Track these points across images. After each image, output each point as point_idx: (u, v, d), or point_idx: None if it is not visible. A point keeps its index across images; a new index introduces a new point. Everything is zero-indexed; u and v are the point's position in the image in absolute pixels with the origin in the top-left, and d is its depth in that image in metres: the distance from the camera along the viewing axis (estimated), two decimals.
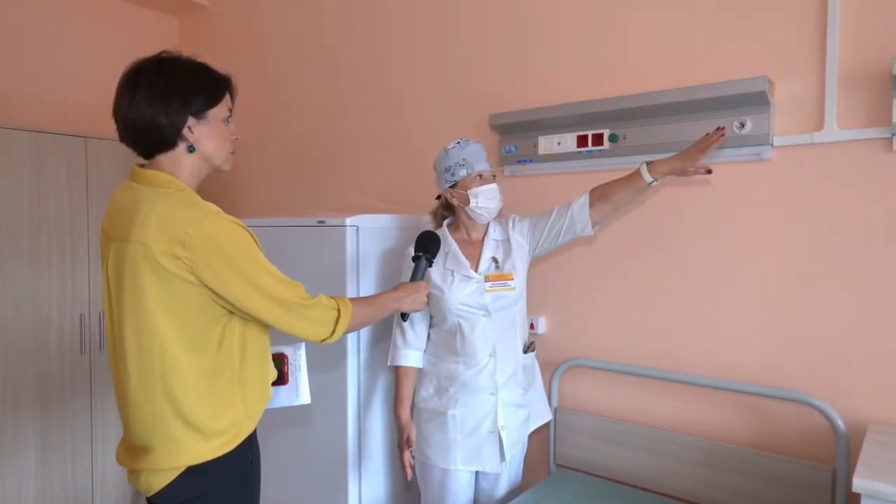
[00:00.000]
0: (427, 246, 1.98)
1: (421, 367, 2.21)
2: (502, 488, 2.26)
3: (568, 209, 2.12)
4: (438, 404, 2.15)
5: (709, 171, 1.93)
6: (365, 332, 2.37)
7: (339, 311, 1.58)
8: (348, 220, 2.24)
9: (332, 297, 1.60)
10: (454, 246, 2.16)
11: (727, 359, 2.13)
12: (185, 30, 4.02)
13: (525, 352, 2.24)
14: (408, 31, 2.93)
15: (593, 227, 2.10)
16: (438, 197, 2.31)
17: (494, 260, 2.17)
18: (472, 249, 2.18)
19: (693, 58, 2.16)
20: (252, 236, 1.46)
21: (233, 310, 1.45)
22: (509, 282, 2.14)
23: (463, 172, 2.12)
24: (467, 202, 2.13)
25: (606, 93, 2.30)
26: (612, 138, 2.26)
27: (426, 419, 2.18)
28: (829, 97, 1.92)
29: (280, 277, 1.48)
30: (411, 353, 2.19)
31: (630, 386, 2.34)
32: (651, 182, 1.98)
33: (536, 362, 2.35)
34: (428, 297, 2.04)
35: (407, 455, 2.18)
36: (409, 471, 2.18)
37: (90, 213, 3.19)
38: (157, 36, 3.92)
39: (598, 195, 2.08)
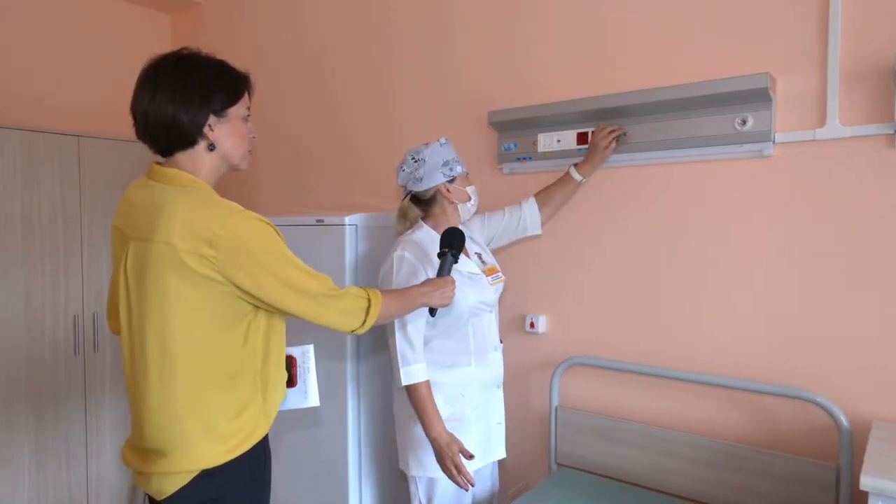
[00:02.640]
0: (452, 242, 1.95)
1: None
2: (492, 481, 2.28)
3: (520, 210, 2.31)
4: (452, 412, 2.08)
5: (625, 133, 2.23)
6: (363, 337, 2.34)
7: (369, 300, 1.56)
8: (347, 219, 2.22)
9: (362, 288, 1.59)
10: None
11: (729, 356, 2.12)
12: (178, 27, 3.98)
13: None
14: (405, 27, 2.90)
15: (541, 226, 2.34)
16: (408, 194, 2.18)
17: (479, 255, 2.20)
18: None
19: (694, 54, 2.15)
20: (277, 232, 1.46)
21: (261, 305, 1.45)
22: (500, 274, 2.22)
23: (460, 169, 2.13)
24: (466, 199, 2.13)
25: (607, 89, 2.29)
26: None
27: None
28: (832, 93, 1.91)
29: (307, 270, 1.47)
30: (424, 365, 2.04)
31: (631, 384, 2.33)
32: (581, 180, 2.26)
33: None
34: None
35: (465, 467, 2.01)
36: (472, 481, 2.02)
37: (83, 212, 3.15)
38: (148, 33, 3.87)
39: (542, 200, 2.31)
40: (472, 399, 2.10)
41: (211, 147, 1.47)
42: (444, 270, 1.89)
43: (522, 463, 2.55)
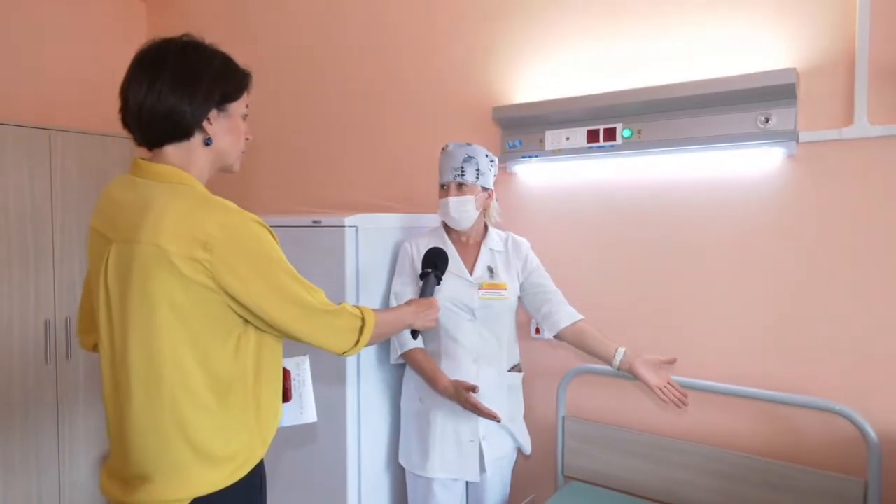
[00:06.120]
0: (436, 262, 1.90)
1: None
2: (490, 500, 2.16)
3: (556, 305, 2.07)
4: (420, 407, 2.10)
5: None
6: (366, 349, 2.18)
7: (363, 319, 1.45)
8: (347, 220, 2.06)
9: (356, 306, 1.48)
10: (452, 248, 2.11)
11: (747, 365, 2.03)
12: (154, 17, 3.78)
13: (509, 371, 2.18)
14: (407, 18, 2.76)
15: (555, 337, 2.08)
16: None
17: (490, 269, 2.13)
18: (468, 253, 2.15)
19: (712, 48, 2.05)
20: (274, 236, 1.34)
21: (250, 318, 1.32)
22: (503, 291, 2.12)
23: (440, 179, 2.11)
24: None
25: (620, 85, 2.18)
26: (627, 133, 2.14)
27: (409, 424, 2.16)
28: (859, 91, 1.83)
29: (303, 282, 1.36)
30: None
31: (643, 393, 2.23)
32: (616, 367, 1.96)
33: (521, 391, 2.23)
34: None
35: (481, 403, 1.92)
36: (496, 415, 1.92)
37: (55, 211, 2.97)
38: (123, 24, 3.67)
39: (573, 335, 2.04)
40: (437, 399, 2.04)
41: (207, 142, 1.35)
42: (426, 291, 1.83)
43: (527, 474, 2.44)
